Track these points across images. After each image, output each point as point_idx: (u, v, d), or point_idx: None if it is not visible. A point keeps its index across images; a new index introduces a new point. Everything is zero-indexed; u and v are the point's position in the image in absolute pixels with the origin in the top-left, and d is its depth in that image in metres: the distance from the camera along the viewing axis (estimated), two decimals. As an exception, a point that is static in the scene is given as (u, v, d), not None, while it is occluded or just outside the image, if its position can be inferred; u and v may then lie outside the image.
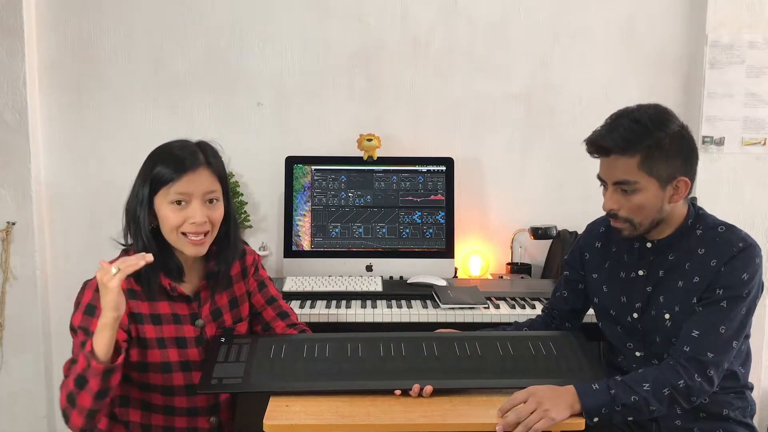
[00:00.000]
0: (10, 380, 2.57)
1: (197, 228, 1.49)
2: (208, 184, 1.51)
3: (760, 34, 2.51)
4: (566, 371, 1.55)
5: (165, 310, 1.55)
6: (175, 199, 1.48)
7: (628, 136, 1.45)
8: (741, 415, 1.58)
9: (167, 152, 1.51)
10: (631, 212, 1.50)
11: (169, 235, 1.50)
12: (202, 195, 1.50)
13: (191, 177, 1.48)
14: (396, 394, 1.46)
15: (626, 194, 1.48)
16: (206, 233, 1.52)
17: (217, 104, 2.59)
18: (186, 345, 1.56)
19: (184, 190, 1.48)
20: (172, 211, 1.48)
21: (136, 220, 1.50)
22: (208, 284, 1.61)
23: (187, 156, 1.50)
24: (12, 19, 2.43)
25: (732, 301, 1.47)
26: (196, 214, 1.48)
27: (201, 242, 1.52)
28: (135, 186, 1.53)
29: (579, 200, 2.59)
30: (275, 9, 2.56)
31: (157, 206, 1.49)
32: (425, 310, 2.11)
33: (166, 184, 1.48)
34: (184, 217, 1.48)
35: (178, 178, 1.47)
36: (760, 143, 2.56)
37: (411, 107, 2.62)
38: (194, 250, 1.52)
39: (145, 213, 1.49)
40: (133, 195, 1.52)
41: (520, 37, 2.60)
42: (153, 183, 1.48)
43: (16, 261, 2.53)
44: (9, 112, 2.46)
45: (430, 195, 2.46)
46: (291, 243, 2.43)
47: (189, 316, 1.58)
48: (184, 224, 1.49)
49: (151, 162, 1.52)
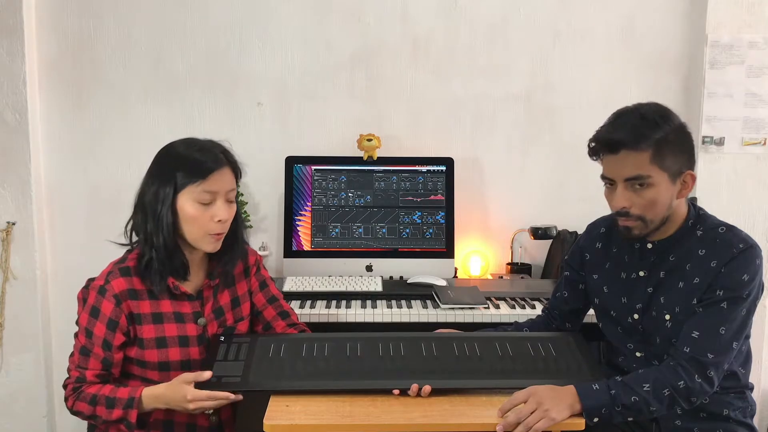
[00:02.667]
0: (10, 380, 2.57)
1: (221, 227, 1.53)
2: (229, 183, 1.55)
3: (760, 34, 2.51)
4: (565, 372, 1.55)
5: (167, 308, 1.57)
6: (203, 198, 1.51)
7: (637, 130, 1.45)
8: (741, 416, 1.58)
9: (193, 151, 1.53)
10: (643, 209, 1.49)
11: (192, 232, 1.53)
12: (225, 194, 1.54)
13: (218, 176, 1.51)
14: (395, 393, 1.46)
15: (638, 190, 1.48)
16: (223, 230, 1.56)
17: (217, 104, 2.59)
18: (188, 344, 1.58)
19: (212, 189, 1.51)
20: (198, 209, 1.51)
21: (158, 219, 1.50)
22: (212, 283, 1.63)
23: (213, 156, 1.53)
24: (12, 19, 2.43)
25: (732, 302, 1.47)
26: (222, 212, 1.52)
27: (219, 239, 1.56)
28: (151, 184, 1.53)
29: (579, 200, 2.59)
30: (275, 9, 2.56)
31: (180, 204, 1.51)
32: (425, 310, 2.11)
33: (194, 183, 1.50)
34: (210, 215, 1.51)
35: (208, 177, 1.50)
36: (760, 143, 2.55)
37: (411, 107, 2.62)
38: (213, 247, 1.56)
39: (168, 211, 1.50)
40: (150, 193, 1.52)
41: (520, 37, 2.60)
42: (179, 181, 1.50)
43: (16, 261, 2.53)
44: (9, 112, 2.46)
45: (430, 195, 2.46)
46: (291, 243, 2.43)
47: (192, 315, 1.60)
48: (209, 222, 1.52)
49: (173, 161, 1.53)
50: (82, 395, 1.52)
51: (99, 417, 1.50)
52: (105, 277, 1.55)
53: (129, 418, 1.47)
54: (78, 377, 1.54)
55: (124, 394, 1.49)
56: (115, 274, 1.54)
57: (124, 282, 1.53)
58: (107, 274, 1.55)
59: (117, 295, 1.52)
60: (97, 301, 1.53)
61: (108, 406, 1.48)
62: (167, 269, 1.53)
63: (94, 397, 1.50)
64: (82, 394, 1.52)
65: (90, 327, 1.53)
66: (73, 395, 1.53)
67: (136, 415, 1.47)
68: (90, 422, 1.59)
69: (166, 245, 1.51)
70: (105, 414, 1.49)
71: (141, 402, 1.48)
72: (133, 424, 1.47)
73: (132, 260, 1.56)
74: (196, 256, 1.60)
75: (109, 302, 1.52)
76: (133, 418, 1.47)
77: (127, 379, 1.59)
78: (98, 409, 1.49)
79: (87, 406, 1.51)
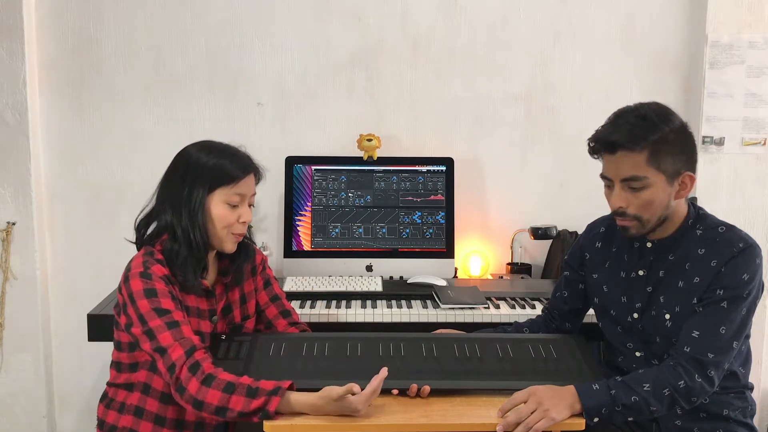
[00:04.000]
0: (10, 380, 2.57)
1: (244, 227, 1.61)
2: (253, 188, 1.63)
3: (760, 34, 2.51)
4: (565, 373, 1.55)
5: (192, 303, 1.59)
6: (233, 201, 1.57)
7: (635, 131, 1.45)
8: (741, 416, 1.58)
9: (228, 156, 1.59)
10: (639, 209, 1.49)
11: (219, 231, 1.58)
12: (250, 197, 1.62)
13: (248, 181, 1.60)
14: (393, 393, 1.46)
15: (635, 191, 1.48)
16: (244, 232, 1.64)
17: (217, 104, 2.59)
18: (204, 340, 1.59)
19: (242, 192, 1.58)
20: (227, 211, 1.57)
21: (194, 217, 1.54)
22: (224, 280, 1.68)
23: (246, 161, 1.61)
24: (12, 19, 2.43)
25: (732, 302, 1.47)
26: (247, 214, 1.61)
27: (240, 239, 1.63)
28: (185, 184, 1.55)
29: (579, 200, 2.59)
30: (275, 9, 2.56)
31: (212, 205, 1.56)
32: (425, 310, 2.11)
33: (228, 186, 1.56)
34: (236, 216, 1.58)
35: (240, 180, 1.57)
36: (760, 143, 2.55)
37: (411, 107, 2.62)
38: (233, 247, 1.62)
39: (202, 211, 1.55)
40: (185, 192, 1.55)
41: (520, 37, 2.60)
42: (213, 183, 1.55)
43: (16, 261, 2.52)
44: (9, 112, 2.46)
45: (430, 195, 2.46)
46: (291, 243, 2.43)
47: (207, 312, 1.62)
48: (235, 223, 1.58)
49: (207, 163, 1.56)
50: (214, 382, 1.38)
51: (231, 409, 1.36)
52: (142, 264, 1.51)
53: (268, 406, 1.35)
54: (187, 350, 1.42)
55: (267, 385, 1.38)
56: (151, 261, 1.52)
57: (162, 269, 1.53)
58: (143, 262, 1.52)
59: (162, 277, 1.51)
60: (147, 284, 1.48)
61: (249, 395, 1.36)
62: (198, 265, 1.57)
63: (230, 385, 1.37)
64: (215, 381, 1.38)
65: (157, 306, 1.46)
66: (197, 378, 1.39)
67: (277, 403, 1.35)
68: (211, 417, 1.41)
69: (203, 242, 1.56)
70: (242, 404, 1.35)
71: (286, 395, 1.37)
72: (270, 413, 1.35)
73: (159, 253, 1.56)
74: (210, 255, 1.64)
75: (160, 282, 1.50)
76: (273, 407, 1.35)
77: (135, 371, 1.57)
78: (234, 399, 1.36)
79: (220, 395, 1.37)
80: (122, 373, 1.59)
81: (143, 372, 1.56)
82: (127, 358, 1.57)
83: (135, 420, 1.56)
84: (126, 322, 1.50)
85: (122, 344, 1.57)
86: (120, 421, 1.57)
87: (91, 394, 2.63)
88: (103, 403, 1.63)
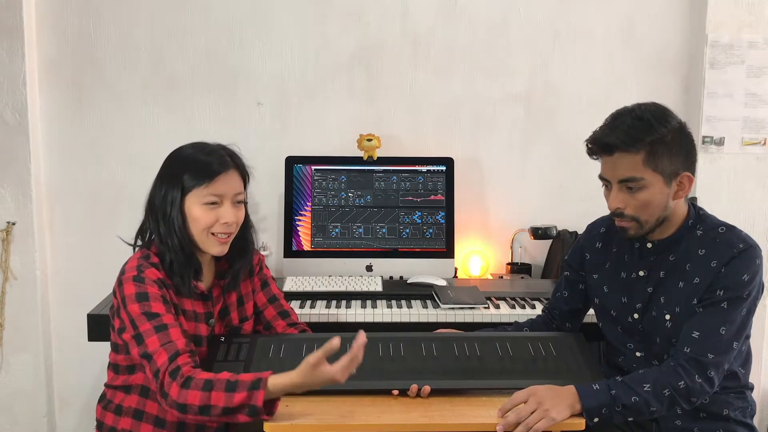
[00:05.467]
0: (10, 380, 2.57)
1: (227, 228, 1.55)
2: (237, 186, 1.58)
3: (760, 34, 2.51)
4: (565, 372, 1.55)
5: (188, 306, 1.58)
6: (210, 201, 1.53)
7: (632, 132, 1.45)
8: (741, 416, 1.58)
9: (199, 154, 1.55)
10: (637, 210, 1.49)
11: (199, 234, 1.54)
12: (232, 196, 1.56)
13: (224, 179, 1.54)
14: (393, 393, 1.46)
15: (632, 192, 1.48)
16: (230, 233, 1.57)
17: (217, 104, 2.59)
18: (201, 344, 1.59)
19: (219, 192, 1.53)
20: (205, 212, 1.53)
21: (169, 222, 1.52)
22: (221, 283, 1.65)
23: (220, 158, 1.55)
24: (12, 19, 2.43)
25: (732, 302, 1.47)
26: (228, 214, 1.54)
27: (226, 241, 1.57)
28: (161, 187, 1.55)
29: (579, 200, 2.59)
30: (275, 9, 2.56)
31: (188, 207, 1.53)
32: (425, 310, 2.10)
33: (200, 186, 1.52)
34: (215, 218, 1.54)
35: (214, 180, 1.52)
36: (760, 143, 2.56)
37: (411, 107, 2.62)
38: (219, 249, 1.57)
39: (177, 214, 1.52)
40: (160, 196, 1.54)
41: (520, 37, 2.60)
42: (186, 184, 1.52)
43: (16, 261, 2.52)
44: (9, 112, 2.46)
45: (430, 195, 2.46)
46: (291, 243, 2.43)
47: (204, 315, 1.61)
48: (215, 224, 1.54)
49: (180, 164, 1.55)
50: (192, 382, 1.36)
51: (214, 406, 1.33)
52: (135, 268, 1.51)
53: (254, 401, 1.31)
54: (170, 355, 1.40)
55: (247, 377, 1.35)
56: (145, 265, 1.52)
57: (157, 272, 1.52)
58: (137, 266, 1.51)
59: (155, 281, 1.50)
60: (139, 287, 1.47)
61: (228, 390, 1.33)
62: (188, 270, 1.55)
63: (208, 383, 1.35)
64: (193, 381, 1.36)
65: (147, 309, 1.45)
66: (177, 382, 1.37)
67: (263, 396, 1.31)
68: (198, 419, 1.37)
69: (182, 247, 1.53)
70: (224, 400, 1.32)
71: (267, 385, 1.33)
72: (259, 408, 1.31)
73: (155, 256, 1.55)
74: (206, 257, 1.62)
75: (152, 286, 1.49)
76: (260, 401, 1.31)
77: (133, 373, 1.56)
78: (214, 396, 1.33)
79: (200, 394, 1.34)
80: (120, 375, 1.58)
81: (140, 374, 1.55)
82: (124, 360, 1.56)
83: (134, 422, 1.56)
84: (119, 326, 1.50)
85: (119, 346, 1.56)
86: (119, 423, 1.57)
87: (90, 394, 2.63)
88: (101, 404, 1.62)
